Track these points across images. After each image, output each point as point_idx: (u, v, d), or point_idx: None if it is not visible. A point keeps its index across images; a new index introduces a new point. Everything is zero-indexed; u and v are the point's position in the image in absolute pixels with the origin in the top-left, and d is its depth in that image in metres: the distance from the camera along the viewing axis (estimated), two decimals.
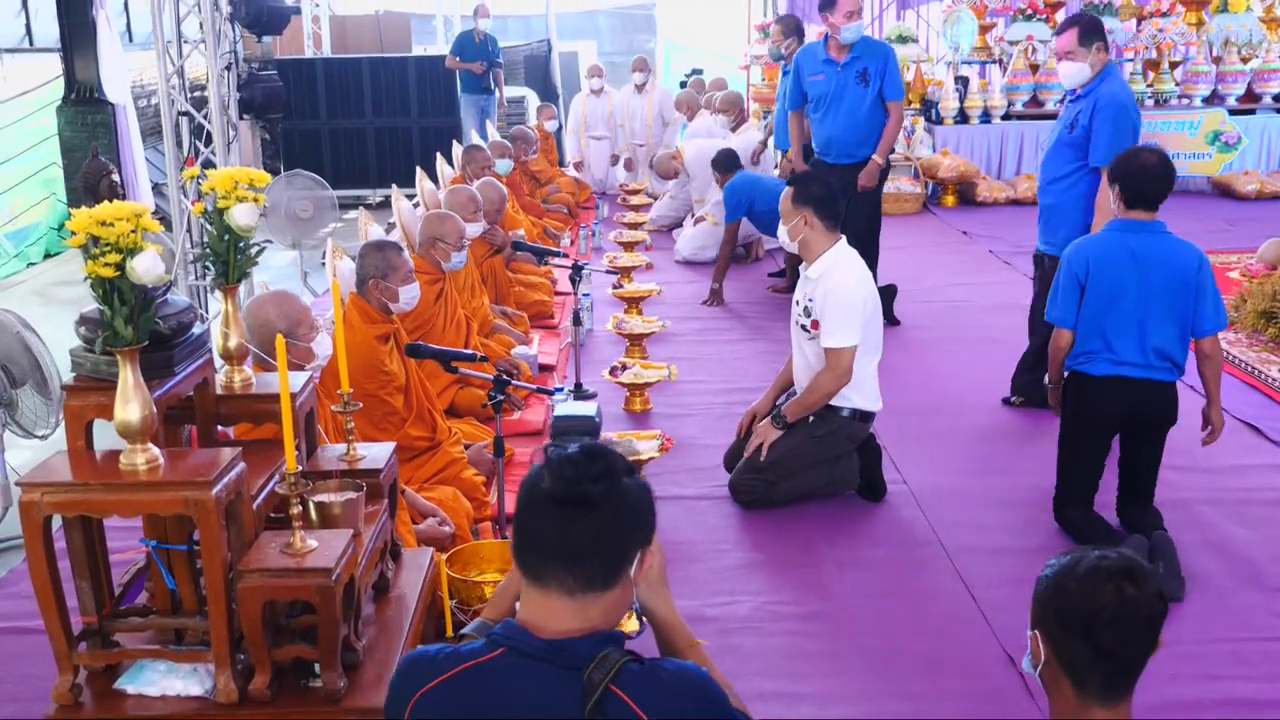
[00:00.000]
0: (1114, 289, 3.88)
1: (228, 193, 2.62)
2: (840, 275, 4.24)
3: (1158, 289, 3.84)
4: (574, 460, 1.73)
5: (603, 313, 6.86)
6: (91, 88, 8.01)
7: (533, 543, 1.75)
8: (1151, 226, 3.91)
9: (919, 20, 15.12)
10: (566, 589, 1.72)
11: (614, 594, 1.76)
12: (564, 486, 1.71)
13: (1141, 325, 3.86)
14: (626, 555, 1.77)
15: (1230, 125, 10.99)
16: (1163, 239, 3.91)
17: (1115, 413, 3.97)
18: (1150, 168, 3.87)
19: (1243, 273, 7.64)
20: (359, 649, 2.54)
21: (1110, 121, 4.84)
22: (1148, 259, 3.85)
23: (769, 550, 4.05)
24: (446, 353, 4.12)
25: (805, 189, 4.36)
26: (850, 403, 4.29)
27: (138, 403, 2.22)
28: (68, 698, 2.39)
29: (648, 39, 21.06)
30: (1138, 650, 1.97)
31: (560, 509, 1.71)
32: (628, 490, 1.75)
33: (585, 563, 1.72)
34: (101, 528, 2.47)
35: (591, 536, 1.71)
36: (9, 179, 9.46)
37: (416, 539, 3.51)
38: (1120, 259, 3.88)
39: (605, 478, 1.72)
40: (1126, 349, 3.88)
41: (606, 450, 1.78)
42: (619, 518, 1.74)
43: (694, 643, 2.11)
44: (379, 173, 12.03)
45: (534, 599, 1.75)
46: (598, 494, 1.71)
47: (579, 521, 1.71)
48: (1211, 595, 3.66)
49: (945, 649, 3.39)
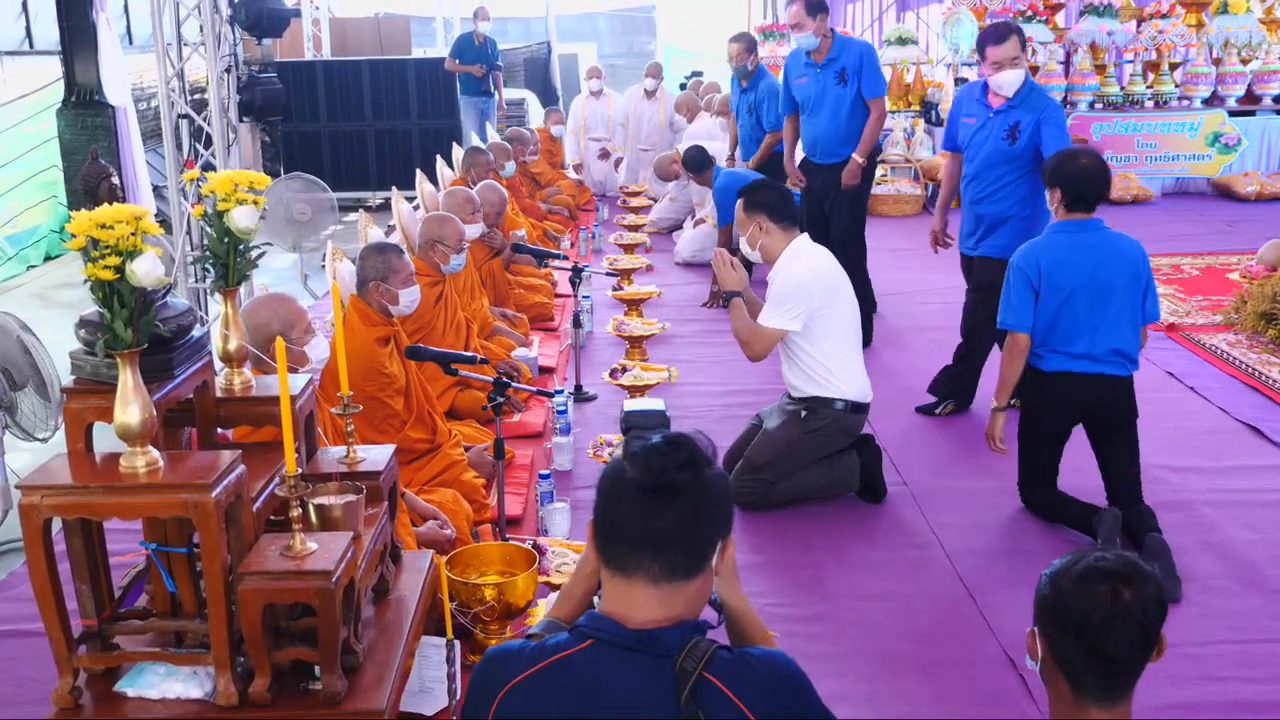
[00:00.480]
0: (1069, 289, 3.95)
1: (228, 195, 2.62)
2: (795, 266, 4.32)
3: (1114, 285, 3.95)
4: (659, 449, 1.74)
5: (603, 315, 6.87)
6: (92, 90, 8.01)
7: (618, 532, 1.75)
8: (1094, 225, 4.03)
9: (919, 22, 15.14)
10: (652, 578, 1.73)
11: (697, 583, 1.77)
12: (650, 475, 1.72)
13: (1097, 323, 3.95)
14: (710, 543, 1.78)
15: (1230, 127, 11.00)
16: (1108, 235, 4.03)
17: (1071, 407, 4.06)
18: (1090, 170, 4.00)
19: (1243, 274, 7.64)
20: (359, 651, 2.53)
21: (1059, 128, 4.99)
22: (1101, 257, 3.96)
23: (769, 552, 4.05)
24: (447, 355, 4.12)
25: (754, 196, 4.43)
26: (841, 394, 4.30)
27: (137, 405, 2.22)
28: (68, 700, 2.39)
29: (647, 41, 21.08)
30: (1131, 653, 1.96)
31: (647, 497, 1.72)
32: (710, 479, 1.76)
33: (671, 551, 1.73)
34: (101, 530, 2.46)
35: (678, 524, 1.72)
36: (9, 182, 9.46)
37: (416, 541, 3.51)
38: (1072, 259, 3.97)
39: (690, 466, 1.73)
40: (1082, 346, 3.96)
41: (688, 439, 1.79)
42: (704, 505, 1.75)
43: (768, 635, 2.13)
44: (379, 175, 12.04)
45: (619, 589, 1.76)
46: (683, 482, 1.72)
47: (666, 510, 1.71)
48: (1213, 597, 3.65)
49: (946, 651, 3.39)
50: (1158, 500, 4.36)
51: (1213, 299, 7.23)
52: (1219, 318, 6.77)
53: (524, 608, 3.26)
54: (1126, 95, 11.32)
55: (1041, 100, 5.08)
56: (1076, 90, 11.23)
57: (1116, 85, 11.39)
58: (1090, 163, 4.03)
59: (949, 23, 11.82)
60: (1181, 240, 9.04)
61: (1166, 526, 4.11)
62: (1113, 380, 3.99)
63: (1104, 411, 4.02)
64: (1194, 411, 5.34)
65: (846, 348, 4.34)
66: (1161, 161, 11.12)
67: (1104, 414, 4.03)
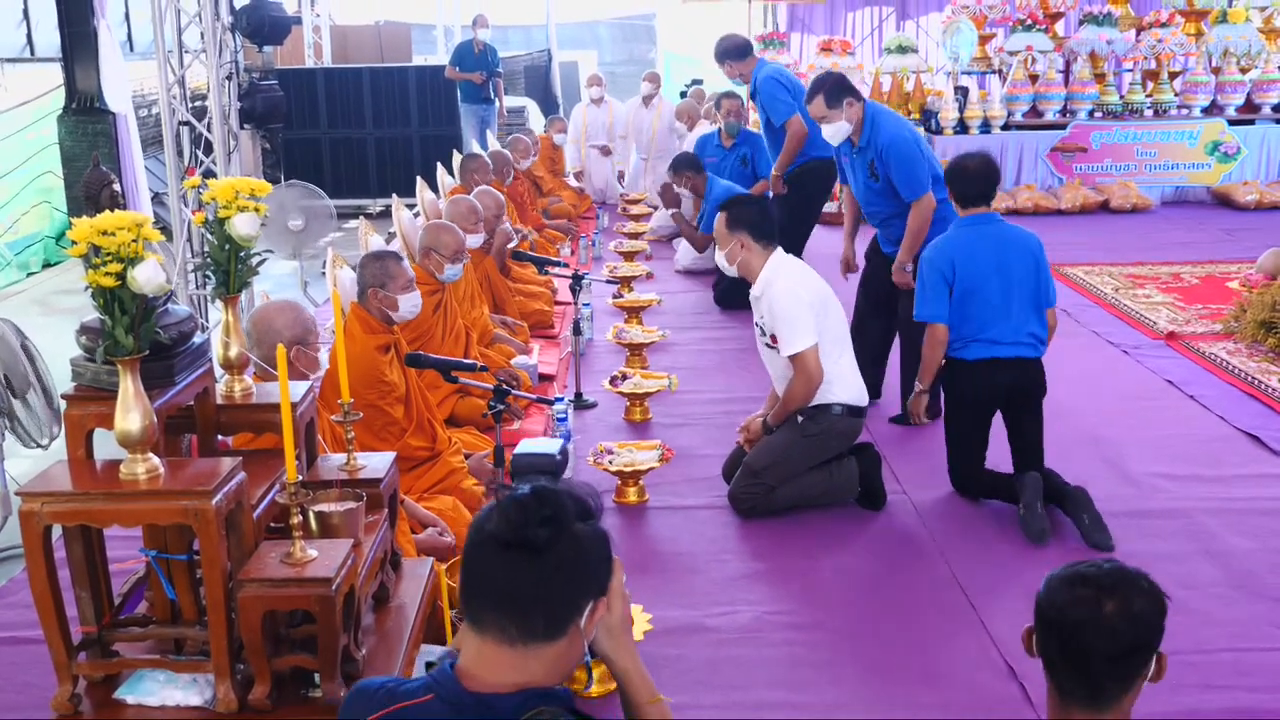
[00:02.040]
0: (980, 278, 4.27)
1: (229, 202, 2.62)
2: (779, 284, 4.31)
3: (1019, 273, 4.29)
4: (521, 502, 1.64)
5: (603, 322, 6.87)
6: (92, 97, 8.02)
7: (474, 587, 1.66)
8: (992, 218, 4.41)
9: (919, 31, 15.19)
10: (507, 638, 1.62)
11: (558, 647, 1.65)
12: (508, 529, 1.61)
13: (1008, 308, 4.27)
14: (574, 605, 1.66)
15: (1229, 135, 11.01)
16: (1006, 227, 4.43)
17: (994, 392, 4.33)
18: (971, 170, 4.39)
19: (1242, 283, 7.65)
20: (359, 659, 2.53)
21: (898, 162, 5.14)
22: (1004, 246, 4.33)
23: (769, 560, 4.05)
24: (447, 362, 4.12)
25: (737, 212, 4.44)
26: (838, 398, 4.31)
27: (138, 412, 2.22)
28: (67, 708, 2.38)
29: (648, 49, 21.11)
30: (1104, 657, 2.00)
31: (504, 553, 1.62)
32: (579, 536, 1.65)
33: (527, 611, 1.62)
34: (101, 537, 2.46)
35: (536, 583, 1.62)
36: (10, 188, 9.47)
37: (416, 549, 3.51)
38: (980, 250, 4.31)
39: (552, 522, 1.62)
40: (999, 332, 4.26)
41: (556, 493, 1.66)
42: (566, 565, 1.63)
43: (656, 699, 1.96)
44: (379, 182, 12.03)
45: (473, 645, 1.66)
46: (543, 539, 1.60)
47: (524, 567, 1.61)
48: (1212, 605, 3.65)
49: (945, 659, 3.38)
50: (1157, 508, 4.38)
51: (1212, 307, 7.23)
52: (1218, 326, 6.77)
53: None
54: (1126, 104, 11.34)
55: (880, 137, 5.18)
56: (1076, 99, 11.25)
57: (1116, 94, 11.41)
58: (972, 164, 4.40)
59: (949, 31, 11.85)
60: (1181, 249, 9.05)
61: (1165, 534, 4.16)
62: (1028, 362, 4.31)
63: (1023, 390, 4.31)
64: (1193, 419, 5.35)
65: (839, 354, 4.35)
66: (1161, 170, 11.13)
67: (1023, 393, 4.31)
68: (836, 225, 10.14)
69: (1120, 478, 4.67)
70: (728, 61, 7.00)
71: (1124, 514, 4.32)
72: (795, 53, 14.60)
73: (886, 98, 11.72)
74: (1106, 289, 7.87)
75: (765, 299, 4.35)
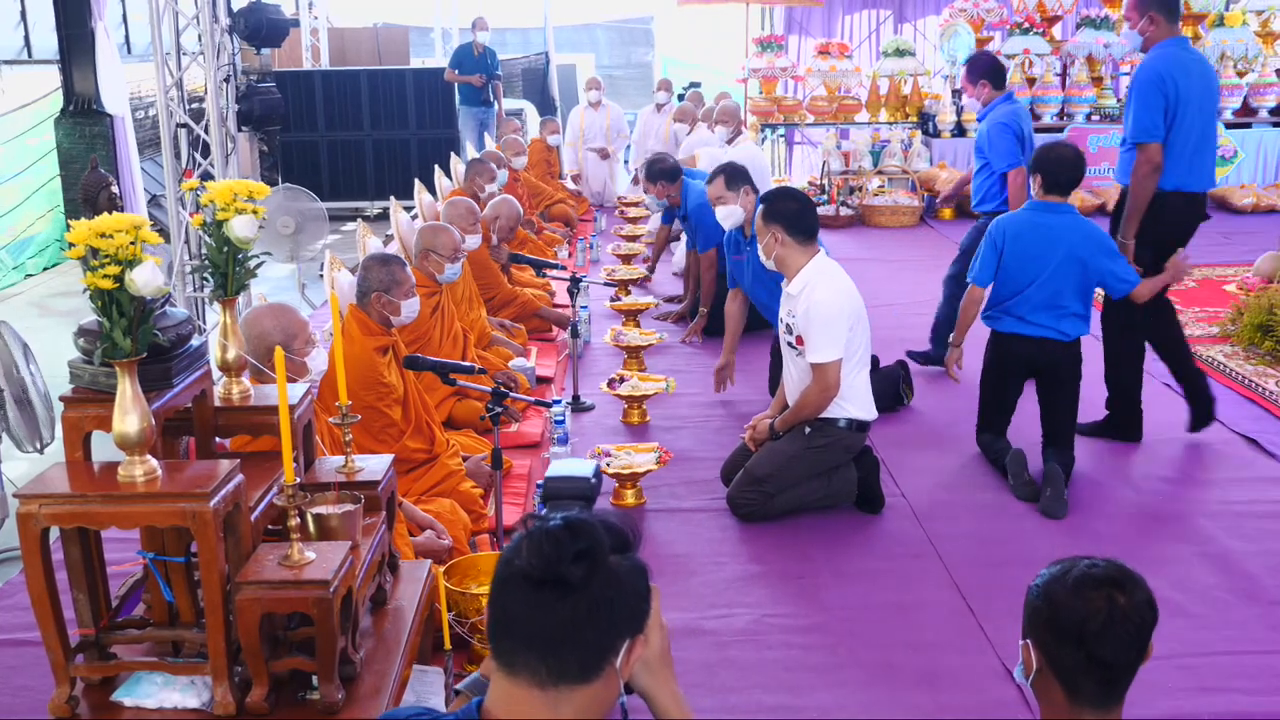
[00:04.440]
0: (1027, 259, 4.55)
1: (227, 205, 2.62)
2: (820, 291, 4.24)
3: (1065, 265, 4.51)
4: (554, 535, 1.52)
5: (600, 325, 6.87)
6: (90, 99, 8.03)
7: (504, 625, 1.55)
8: (1064, 208, 4.60)
9: (916, 34, 15.18)
10: (539, 680, 1.52)
11: (593, 689, 1.55)
12: (540, 565, 1.51)
13: (1044, 294, 4.53)
14: (611, 646, 1.55)
15: (1227, 139, 11.02)
16: (1073, 219, 4.60)
17: (1021, 363, 4.68)
18: (1068, 159, 4.59)
19: (1239, 286, 7.66)
20: (356, 661, 2.53)
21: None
22: (1061, 238, 4.52)
23: (767, 563, 4.05)
24: (445, 365, 4.12)
25: (773, 205, 4.37)
26: (846, 413, 4.29)
27: (136, 414, 2.22)
28: (64, 710, 2.38)
29: (645, 52, 21.10)
30: (1129, 657, 2.00)
31: (535, 590, 1.51)
32: (616, 572, 1.55)
33: (560, 652, 1.51)
34: (99, 540, 2.46)
35: (569, 622, 1.51)
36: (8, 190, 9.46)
37: (414, 551, 3.51)
38: (1038, 235, 4.56)
39: (586, 557, 1.51)
40: (1029, 311, 4.57)
41: (591, 524, 1.56)
42: (603, 603, 1.52)
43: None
44: (376, 185, 12.05)
45: (501, 686, 1.56)
46: (577, 576, 1.50)
47: (556, 605, 1.50)
48: (1209, 608, 3.65)
49: (943, 661, 3.38)
50: (1155, 511, 4.38)
51: (1209, 311, 7.23)
52: (1216, 329, 6.78)
53: None
54: (1123, 108, 11.33)
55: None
56: (1073, 102, 11.27)
57: (1113, 97, 11.43)
58: (1068, 153, 4.61)
59: (946, 35, 11.87)
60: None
61: (1163, 537, 4.15)
62: (1056, 343, 4.57)
63: (1050, 368, 4.62)
64: (1184, 420, 5.34)
65: (859, 370, 4.31)
66: None
67: (1049, 371, 4.62)
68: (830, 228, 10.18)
69: (1117, 481, 4.67)
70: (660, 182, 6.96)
71: (1122, 516, 4.34)
72: (793, 55, 14.61)
73: (884, 101, 11.75)
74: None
75: (803, 300, 4.26)
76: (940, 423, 5.39)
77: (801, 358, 4.28)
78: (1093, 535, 4.16)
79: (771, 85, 12.51)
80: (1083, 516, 4.33)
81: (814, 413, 4.26)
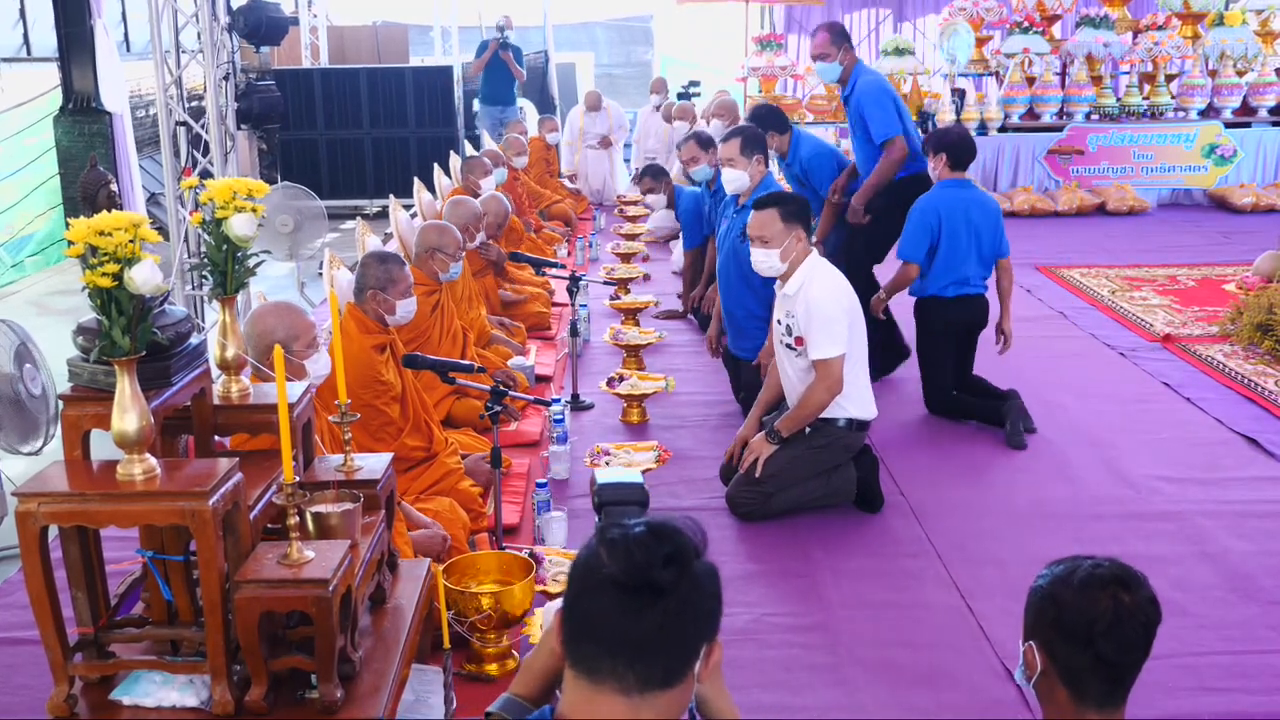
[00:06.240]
0: (957, 230, 5.27)
1: (226, 203, 2.62)
2: (816, 288, 4.25)
3: (981, 227, 5.31)
4: (642, 541, 1.52)
5: (600, 324, 6.87)
6: (89, 97, 8.01)
7: (588, 632, 1.53)
8: (967, 184, 5.46)
9: (915, 33, 15.19)
10: (624, 687, 1.50)
11: (673, 694, 1.54)
12: (630, 571, 1.49)
13: (974, 256, 5.30)
14: (694, 650, 1.55)
15: (1226, 138, 11.03)
16: (976, 192, 5.52)
17: (962, 323, 5.37)
18: (967, 140, 5.45)
19: (1239, 285, 7.66)
20: (356, 660, 2.53)
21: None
22: (976, 207, 5.35)
23: (766, 561, 4.05)
24: (444, 363, 4.12)
25: (790, 209, 4.35)
26: (846, 412, 4.29)
27: (135, 413, 2.22)
28: (63, 709, 2.38)
29: (645, 51, 21.08)
30: (1135, 656, 2.00)
31: (625, 596, 1.49)
32: (699, 576, 1.54)
33: (647, 658, 1.51)
34: (98, 538, 2.46)
35: (659, 628, 1.49)
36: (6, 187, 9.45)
37: (413, 547, 3.50)
38: (959, 208, 5.30)
39: (676, 561, 1.51)
40: (969, 274, 5.31)
41: (675, 529, 1.56)
42: (690, 607, 1.52)
43: None
44: (376, 183, 12.04)
45: (582, 695, 1.53)
46: (668, 580, 1.49)
47: (646, 611, 1.49)
48: (1209, 608, 3.65)
49: (942, 661, 3.38)
50: (1154, 511, 4.38)
51: (1209, 310, 7.24)
52: (1215, 329, 6.78)
53: (520, 616, 3.26)
54: (1123, 107, 11.36)
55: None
56: (1073, 101, 11.27)
57: (1113, 96, 11.43)
58: (964, 135, 5.49)
59: (946, 33, 11.86)
60: (1178, 251, 9.07)
61: (1162, 536, 4.16)
62: (983, 298, 5.40)
63: (976, 322, 5.40)
64: (1190, 422, 5.35)
65: (858, 369, 4.31)
66: (1158, 173, 11.15)
67: (976, 324, 5.40)
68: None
69: (1117, 480, 4.67)
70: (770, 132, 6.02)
71: (1121, 516, 4.34)
72: (793, 54, 14.60)
73: None
74: (1103, 291, 7.88)
75: (801, 299, 4.25)
76: (940, 422, 5.39)
77: (800, 358, 4.28)
78: (1093, 535, 4.16)
79: (771, 84, 12.51)
80: (1082, 516, 4.34)
81: (818, 411, 4.25)
